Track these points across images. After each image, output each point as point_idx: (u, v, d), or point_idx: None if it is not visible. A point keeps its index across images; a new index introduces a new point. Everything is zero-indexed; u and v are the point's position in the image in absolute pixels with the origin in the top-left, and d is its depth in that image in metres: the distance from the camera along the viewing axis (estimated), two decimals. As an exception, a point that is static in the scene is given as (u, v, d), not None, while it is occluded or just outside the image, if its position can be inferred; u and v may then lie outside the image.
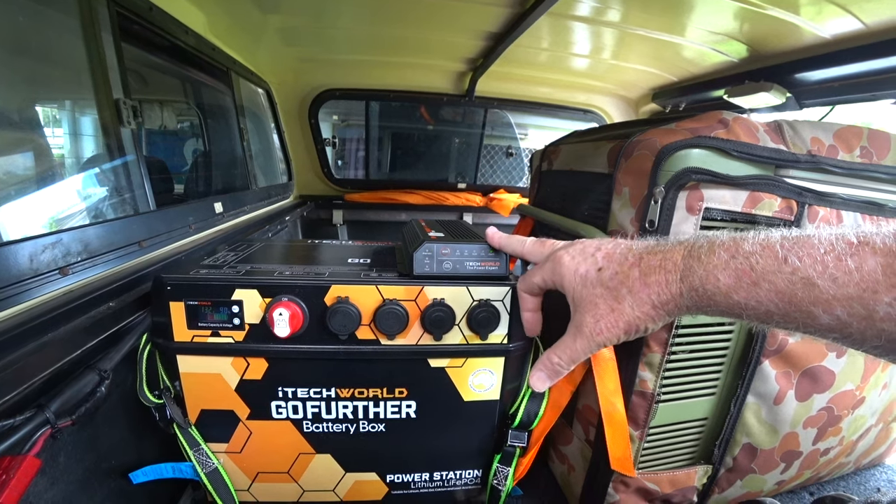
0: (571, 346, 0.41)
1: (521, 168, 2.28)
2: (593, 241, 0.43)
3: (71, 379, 0.49)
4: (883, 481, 0.99)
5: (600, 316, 0.39)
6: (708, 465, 0.75)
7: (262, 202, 1.46)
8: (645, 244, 0.39)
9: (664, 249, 0.37)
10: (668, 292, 0.35)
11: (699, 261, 0.34)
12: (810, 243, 0.29)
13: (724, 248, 0.33)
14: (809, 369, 0.70)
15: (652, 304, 0.36)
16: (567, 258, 0.42)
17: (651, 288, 0.36)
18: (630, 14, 1.03)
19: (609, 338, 0.39)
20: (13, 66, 0.61)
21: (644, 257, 0.37)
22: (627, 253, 0.39)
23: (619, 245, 0.41)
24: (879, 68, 0.94)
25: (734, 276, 0.32)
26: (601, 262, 0.40)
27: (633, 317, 0.37)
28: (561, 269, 0.42)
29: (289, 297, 0.56)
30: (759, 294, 0.30)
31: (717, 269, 0.32)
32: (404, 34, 1.29)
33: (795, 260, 0.29)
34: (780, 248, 0.30)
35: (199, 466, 0.63)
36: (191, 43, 1.02)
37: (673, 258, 0.35)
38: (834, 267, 0.27)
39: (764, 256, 0.30)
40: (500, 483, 0.70)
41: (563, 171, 0.88)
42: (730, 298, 0.32)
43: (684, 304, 0.35)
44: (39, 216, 0.63)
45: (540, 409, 0.69)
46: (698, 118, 0.62)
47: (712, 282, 0.33)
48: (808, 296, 0.28)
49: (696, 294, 0.34)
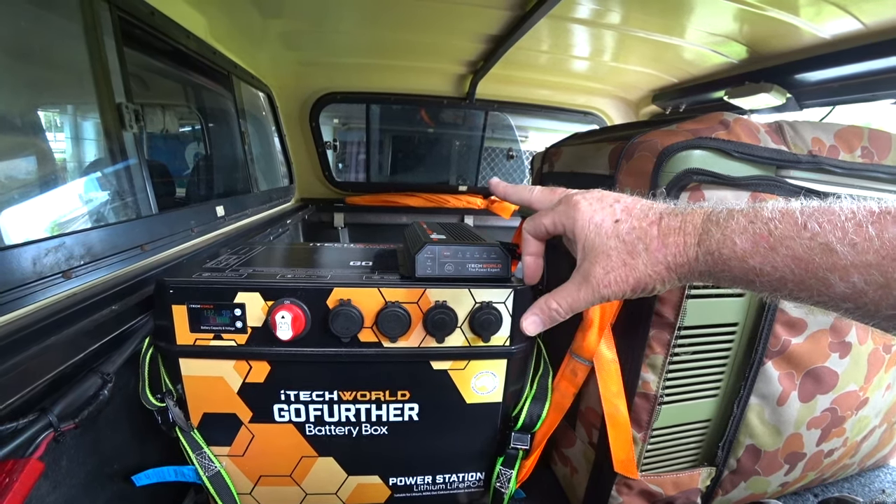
0: (574, 293, 0.40)
1: (521, 170, 2.28)
2: (612, 193, 0.41)
3: (74, 382, 0.49)
4: (888, 482, 0.98)
5: (611, 268, 0.38)
6: (711, 467, 0.75)
7: (264, 205, 1.46)
8: (665, 205, 0.38)
9: (684, 212, 0.36)
10: (685, 255, 0.35)
11: (717, 225, 0.33)
12: (831, 210, 0.28)
13: (743, 214, 0.32)
14: (812, 370, 0.70)
15: (667, 265, 0.36)
16: (584, 203, 0.41)
17: (668, 248, 0.36)
18: (630, 16, 1.03)
19: (615, 292, 0.38)
20: (16, 70, 0.61)
21: (664, 217, 0.37)
22: (648, 210, 0.38)
23: (639, 200, 0.40)
24: (879, 68, 0.94)
25: (751, 240, 0.31)
26: (619, 213, 0.39)
27: (644, 274, 0.37)
28: (576, 213, 0.41)
29: (291, 299, 0.57)
30: (776, 259, 0.30)
31: (735, 234, 0.32)
32: (405, 37, 1.29)
33: (815, 225, 0.28)
34: (801, 214, 0.29)
35: (202, 470, 0.63)
36: (192, 47, 1.03)
37: (693, 221, 0.35)
38: (854, 233, 0.27)
39: (783, 222, 0.30)
40: (502, 485, 0.70)
41: (564, 173, 0.88)
42: (745, 263, 0.32)
43: (698, 269, 0.35)
44: (42, 220, 0.64)
45: (543, 412, 0.69)
46: (699, 119, 0.62)
47: (729, 245, 0.32)
48: (825, 262, 0.28)
49: (711, 258, 0.34)
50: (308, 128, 1.82)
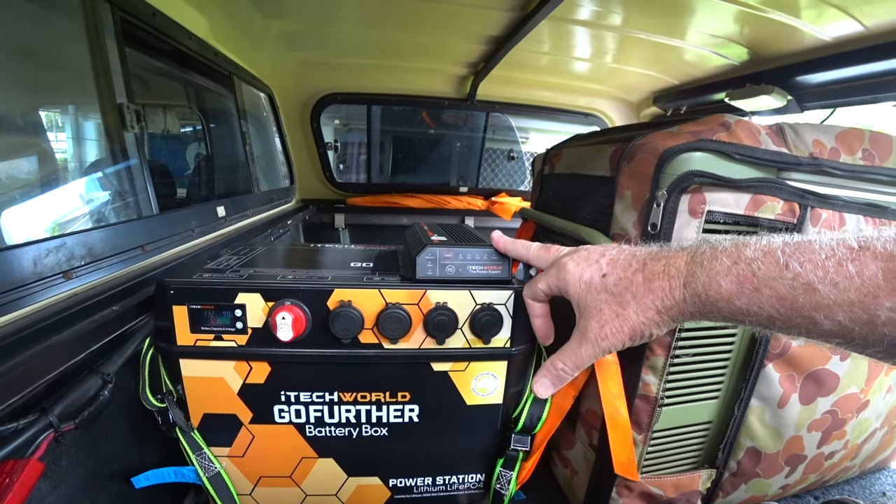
0: (577, 351, 0.41)
1: (522, 171, 2.28)
2: (597, 248, 0.43)
3: (74, 382, 0.49)
4: (888, 485, 0.98)
5: (605, 321, 0.39)
6: (712, 469, 0.75)
7: (265, 206, 1.46)
8: (648, 250, 0.39)
9: (667, 255, 0.37)
10: (672, 298, 0.35)
11: (702, 267, 0.34)
12: (811, 249, 0.28)
13: (727, 254, 0.33)
14: (813, 372, 0.70)
15: (656, 309, 0.36)
16: (572, 264, 0.42)
17: (655, 293, 0.36)
18: (631, 18, 1.03)
19: (614, 343, 0.39)
20: (18, 70, 0.62)
21: (648, 263, 0.37)
22: (631, 259, 0.39)
23: (623, 251, 0.41)
24: (880, 70, 0.94)
25: (736, 282, 0.32)
26: (605, 268, 0.40)
27: (637, 322, 0.37)
28: (566, 275, 0.42)
29: (291, 300, 0.56)
30: (761, 300, 0.30)
31: (720, 275, 0.32)
32: (406, 38, 1.29)
33: (797, 265, 0.29)
34: (782, 253, 0.30)
35: (202, 470, 0.63)
36: (193, 47, 1.03)
37: (676, 264, 0.36)
38: (835, 272, 0.27)
39: (765, 262, 0.30)
40: (502, 487, 0.70)
41: (565, 175, 0.88)
42: (732, 304, 0.32)
43: (688, 310, 0.35)
44: (43, 220, 0.64)
45: (543, 413, 0.69)
46: (700, 121, 0.62)
47: (715, 288, 0.33)
48: (809, 301, 0.28)
49: (698, 300, 0.34)
50: (309, 128, 1.82)
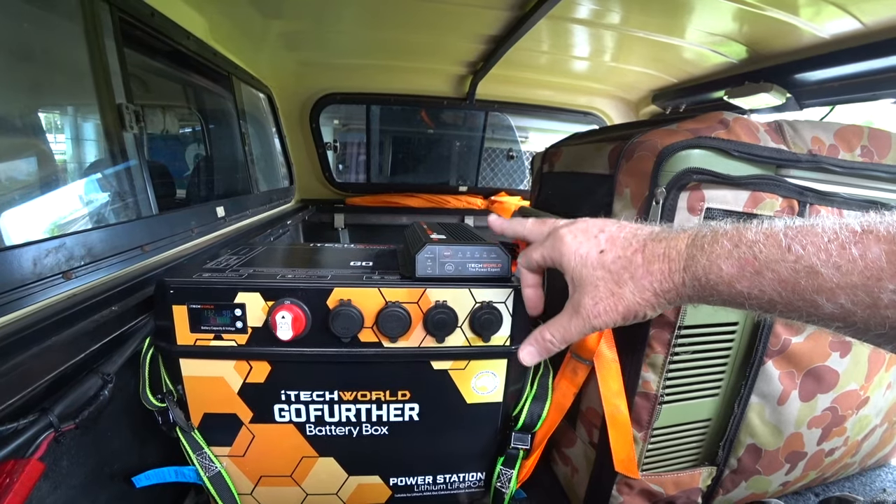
0: (566, 325, 0.41)
1: (521, 171, 2.28)
2: (597, 221, 0.42)
3: (74, 382, 0.49)
4: (889, 482, 0.98)
5: (599, 298, 0.38)
6: (712, 467, 0.75)
7: (264, 206, 1.46)
8: (649, 230, 0.39)
9: (668, 237, 0.36)
10: (671, 281, 0.35)
11: (702, 250, 0.33)
12: (814, 232, 0.28)
13: (728, 238, 0.32)
14: (813, 369, 0.70)
15: (654, 291, 0.36)
16: (569, 237, 0.42)
17: (654, 276, 0.36)
18: (629, 16, 1.03)
19: (606, 321, 0.39)
20: (17, 71, 0.62)
21: (648, 244, 0.37)
22: (631, 238, 0.38)
23: (623, 228, 0.40)
24: (879, 68, 0.94)
25: (737, 265, 0.31)
26: (604, 244, 0.39)
27: (632, 302, 0.37)
28: (562, 246, 0.42)
29: (291, 300, 0.57)
30: (763, 283, 0.30)
31: (720, 259, 0.32)
32: (405, 38, 1.29)
33: (799, 248, 0.28)
34: (784, 236, 0.29)
35: (202, 470, 0.63)
36: (192, 48, 1.03)
37: (677, 247, 0.35)
38: (838, 255, 0.27)
39: (767, 245, 0.30)
40: (503, 485, 0.70)
41: (564, 173, 0.88)
42: (732, 288, 0.32)
43: (686, 294, 0.35)
44: (43, 220, 0.64)
45: (543, 412, 0.69)
46: (699, 119, 0.62)
47: (715, 271, 0.32)
48: (811, 284, 0.28)
49: (698, 283, 0.34)
50: (308, 129, 1.82)
